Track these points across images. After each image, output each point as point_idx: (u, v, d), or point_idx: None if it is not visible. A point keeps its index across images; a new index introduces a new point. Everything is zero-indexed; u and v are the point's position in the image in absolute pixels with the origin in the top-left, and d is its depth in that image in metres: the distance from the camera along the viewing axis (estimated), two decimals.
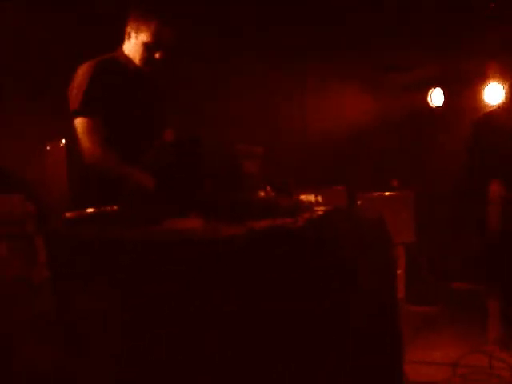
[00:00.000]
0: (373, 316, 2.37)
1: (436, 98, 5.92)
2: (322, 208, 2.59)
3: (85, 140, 2.72)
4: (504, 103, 4.94)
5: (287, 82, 5.47)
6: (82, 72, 2.78)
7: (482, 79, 5.59)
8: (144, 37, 2.78)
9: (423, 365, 3.62)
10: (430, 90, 5.88)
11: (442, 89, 5.88)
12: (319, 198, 2.73)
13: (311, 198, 2.70)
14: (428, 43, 5.45)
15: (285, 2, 5.14)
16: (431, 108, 5.92)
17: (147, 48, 2.80)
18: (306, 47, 5.34)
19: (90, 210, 2.28)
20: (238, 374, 1.94)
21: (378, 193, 5.14)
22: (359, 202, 4.65)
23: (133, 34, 2.81)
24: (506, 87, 4.96)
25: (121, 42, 2.90)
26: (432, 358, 3.74)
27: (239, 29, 5.01)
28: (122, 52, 2.88)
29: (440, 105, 5.90)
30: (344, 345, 2.17)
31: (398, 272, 4.63)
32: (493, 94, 5.53)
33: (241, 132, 4.68)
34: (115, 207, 2.25)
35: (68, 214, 2.26)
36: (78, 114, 2.74)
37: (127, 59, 2.86)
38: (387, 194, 5.18)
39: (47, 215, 3.01)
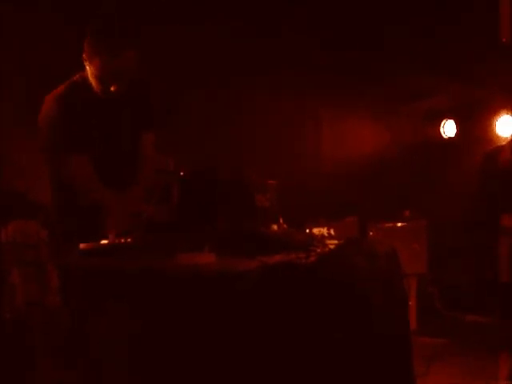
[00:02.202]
0: (385, 348, 2.37)
1: (448, 128, 5.93)
2: (334, 241, 2.60)
3: (76, 178, 2.60)
4: None
5: (301, 112, 5.49)
6: (50, 106, 2.61)
7: (494, 111, 5.60)
8: (94, 70, 2.57)
9: None
10: (443, 121, 5.90)
11: (455, 120, 5.89)
12: (331, 231, 2.75)
13: (324, 231, 2.72)
14: (441, 74, 5.48)
15: (298, 30, 5.18)
16: (443, 139, 5.93)
17: (99, 80, 2.59)
18: (320, 77, 5.37)
19: (104, 241, 2.30)
20: None
21: (390, 223, 5.13)
22: (371, 234, 4.65)
23: (86, 63, 2.60)
24: None
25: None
26: None
27: (254, 58, 5.06)
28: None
29: (452, 135, 5.91)
30: (356, 377, 2.18)
31: (410, 303, 4.60)
32: (505, 125, 5.53)
33: (254, 164, 4.70)
34: (129, 239, 2.27)
35: (82, 245, 2.28)
36: (55, 152, 2.61)
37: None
38: (399, 224, 5.17)
39: (59, 242, 3.02)
